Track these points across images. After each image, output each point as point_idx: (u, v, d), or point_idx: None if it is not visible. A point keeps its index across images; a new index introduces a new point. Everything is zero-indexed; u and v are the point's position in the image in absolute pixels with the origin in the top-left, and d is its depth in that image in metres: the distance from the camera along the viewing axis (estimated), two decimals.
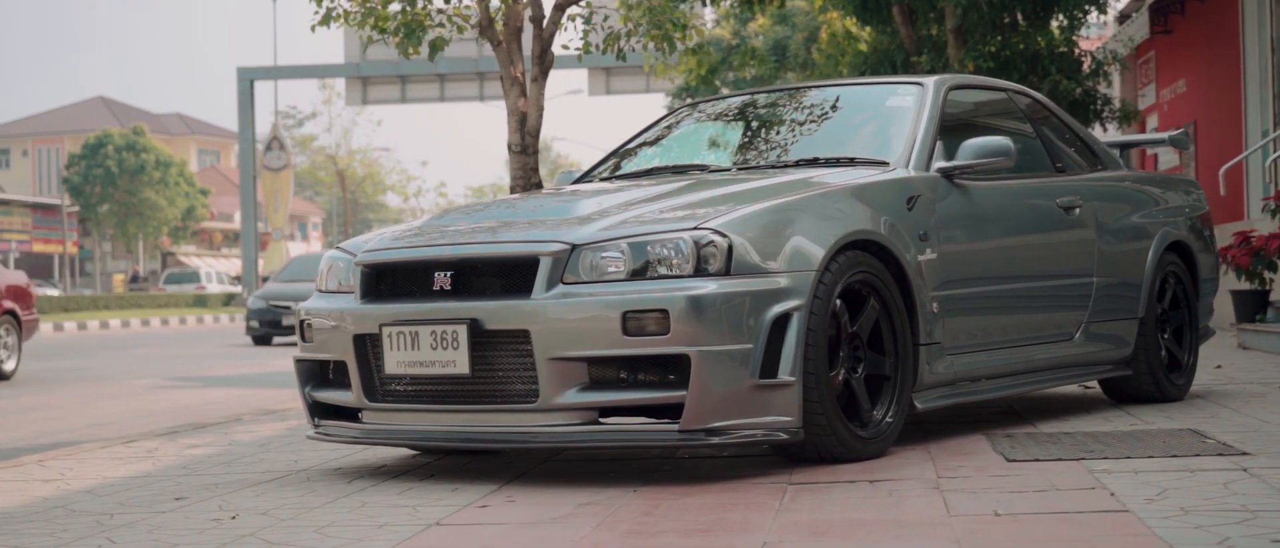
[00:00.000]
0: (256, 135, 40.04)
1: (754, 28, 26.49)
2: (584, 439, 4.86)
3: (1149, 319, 6.86)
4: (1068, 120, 7.04)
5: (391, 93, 38.05)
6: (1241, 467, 4.70)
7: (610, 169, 6.60)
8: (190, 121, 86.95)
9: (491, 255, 5.05)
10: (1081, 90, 16.27)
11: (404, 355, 5.05)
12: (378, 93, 37.89)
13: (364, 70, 36.88)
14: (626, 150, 6.74)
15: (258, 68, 38.49)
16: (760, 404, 4.86)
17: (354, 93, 38.52)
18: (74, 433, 8.89)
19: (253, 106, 38.28)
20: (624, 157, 6.69)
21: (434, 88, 37.54)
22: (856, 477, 4.81)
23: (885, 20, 17.34)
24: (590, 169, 6.71)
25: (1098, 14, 16.48)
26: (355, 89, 38.40)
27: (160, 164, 64.18)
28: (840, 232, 5.14)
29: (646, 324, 4.76)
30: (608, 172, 6.58)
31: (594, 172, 6.66)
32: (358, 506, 4.61)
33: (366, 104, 39.00)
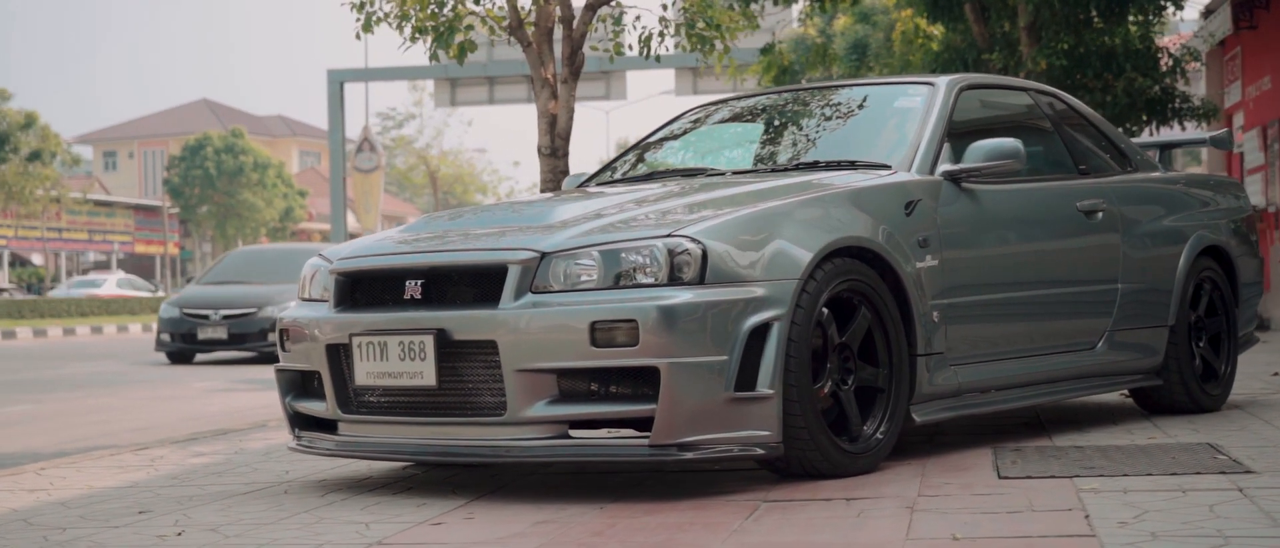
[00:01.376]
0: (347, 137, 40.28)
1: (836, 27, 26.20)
2: (552, 454, 4.71)
3: (1180, 327, 6.59)
4: (1096, 121, 6.79)
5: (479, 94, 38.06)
6: (1238, 486, 4.47)
7: (613, 173, 6.45)
8: (291, 123, 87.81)
9: (461, 263, 4.92)
10: (1159, 88, 15.88)
11: (373, 366, 4.93)
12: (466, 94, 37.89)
13: (452, 72, 36.84)
14: (633, 153, 6.59)
15: (347, 70, 38.65)
16: (737, 418, 4.68)
17: (442, 94, 38.55)
18: (113, 437, 8.87)
19: (342, 108, 38.42)
20: (630, 160, 6.54)
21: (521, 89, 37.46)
22: (835, 495, 4.62)
23: (957, 17, 17.04)
24: (595, 173, 6.56)
25: (1175, 10, 16.09)
26: (443, 90, 38.41)
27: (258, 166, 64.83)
28: (827, 238, 4.96)
29: (615, 335, 4.60)
30: (610, 175, 6.43)
31: (598, 175, 6.52)
32: (312, 522, 4.49)
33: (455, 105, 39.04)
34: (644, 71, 38.76)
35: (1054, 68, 15.69)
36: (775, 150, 6.17)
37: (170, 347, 18.21)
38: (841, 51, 23.69)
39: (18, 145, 48.36)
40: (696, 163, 6.30)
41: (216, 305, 18.03)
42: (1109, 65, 15.79)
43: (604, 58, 9.16)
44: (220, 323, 17.81)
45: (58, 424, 10.23)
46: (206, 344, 18.00)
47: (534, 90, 8.74)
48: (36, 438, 9.15)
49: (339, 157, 38.31)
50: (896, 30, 19.71)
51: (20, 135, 48.53)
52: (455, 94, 38.41)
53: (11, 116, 48.63)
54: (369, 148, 42.82)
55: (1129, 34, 15.92)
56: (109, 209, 63.00)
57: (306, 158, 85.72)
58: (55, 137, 49.95)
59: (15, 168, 48.39)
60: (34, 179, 48.95)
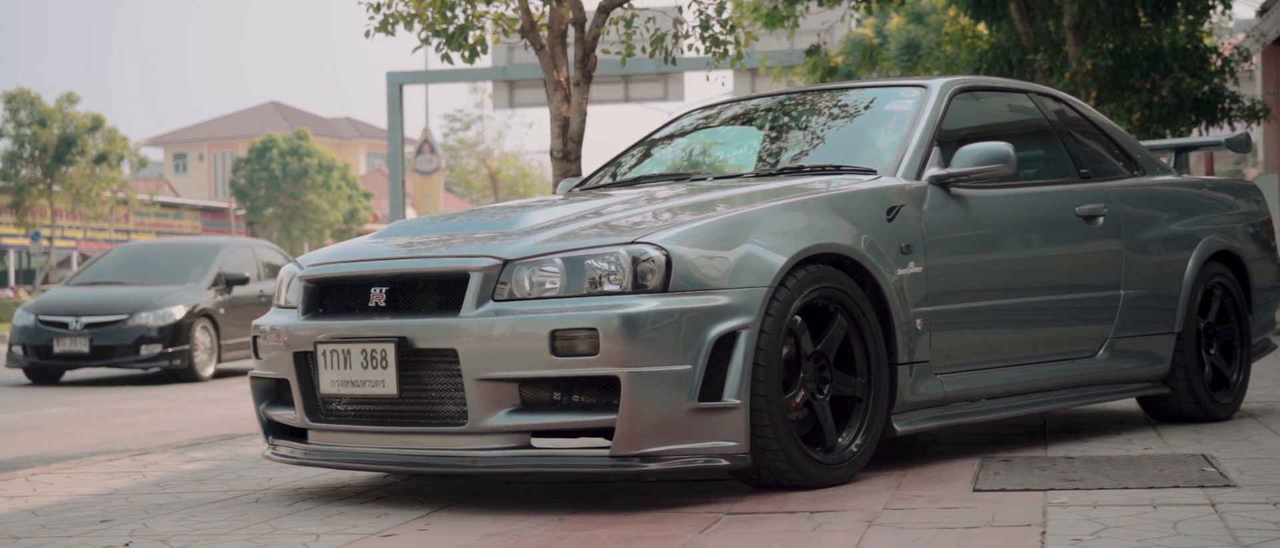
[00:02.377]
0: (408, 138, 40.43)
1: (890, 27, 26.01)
2: (513, 464, 4.64)
3: (1188, 334, 6.43)
4: (1101, 124, 6.65)
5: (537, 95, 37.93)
6: (1213, 501, 4.34)
7: (605, 177, 6.37)
8: (359, 125, 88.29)
9: (423, 271, 4.86)
10: (1208, 89, 15.63)
11: (337, 374, 4.88)
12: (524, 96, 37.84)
13: (510, 74, 36.86)
14: (624, 157, 6.51)
15: (407, 72, 38.74)
16: (702, 428, 4.59)
17: (501, 96, 38.55)
18: (136, 441, 8.86)
19: (401, 110, 38.49)
20: (625, 163, 6.46)
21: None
22: (801, 507, 4.52)
23: (1002, 17, 16.85)
24: (589, 176, 6.49)
25: (1223, 9, 15.84)
26: (501, 92, 38.42)
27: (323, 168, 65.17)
28: (800, 245, 4.85)
29: (576, 344, 4.53)
30: (602, 179, 6.35)
31: (591, 179, 6.44)
32: (265, 532, 4.44)
33: (514, 107, 39.01)
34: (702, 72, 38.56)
35: (1100, 68, 15.49)
36: (764, 155, 6.07)
37: (24, 362, 15.13)
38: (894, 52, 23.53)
39: (85, 148, 48.86)
40: (688, 167, 6.21)
41: (78, 311, 15.12)
42: (1156, 65, 15.56)
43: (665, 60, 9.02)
44: (81, 333, 14.92)
45: (86, 427, 10.26)
46: (65, 359, 14.91)
47: (547, 93, 8.68)
48: (59, 441, 9.18)
49: (398, 158, 38.44)
50: (945, 30, 19.51)
51: (87, 138, 49.03)
52: (513, 95, 38.42)
53: (79, 120, 49.14)
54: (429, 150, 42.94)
55: (1177, 33, 15.68)
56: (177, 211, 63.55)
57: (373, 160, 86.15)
58: (122, 139, 50.43)
59: (82, 170, 48.90)
60: (101, 181, 49.45)
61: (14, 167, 48.97)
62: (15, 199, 49.09)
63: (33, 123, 48.86)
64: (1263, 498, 4.36)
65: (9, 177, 48.99)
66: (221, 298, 15.93)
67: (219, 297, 15.91)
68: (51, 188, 49.19)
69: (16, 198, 48.99)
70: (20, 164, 49.05)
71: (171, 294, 15.49)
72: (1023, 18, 16.34)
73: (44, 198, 49.28)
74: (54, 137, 48.73)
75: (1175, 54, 15.55)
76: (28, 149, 48.99)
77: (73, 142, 48.74)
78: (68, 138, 48.76)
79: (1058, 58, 16.14)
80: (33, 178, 49.07)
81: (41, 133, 48.61)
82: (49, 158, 48.80)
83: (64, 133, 48.84)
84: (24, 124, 48.94)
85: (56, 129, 48.85)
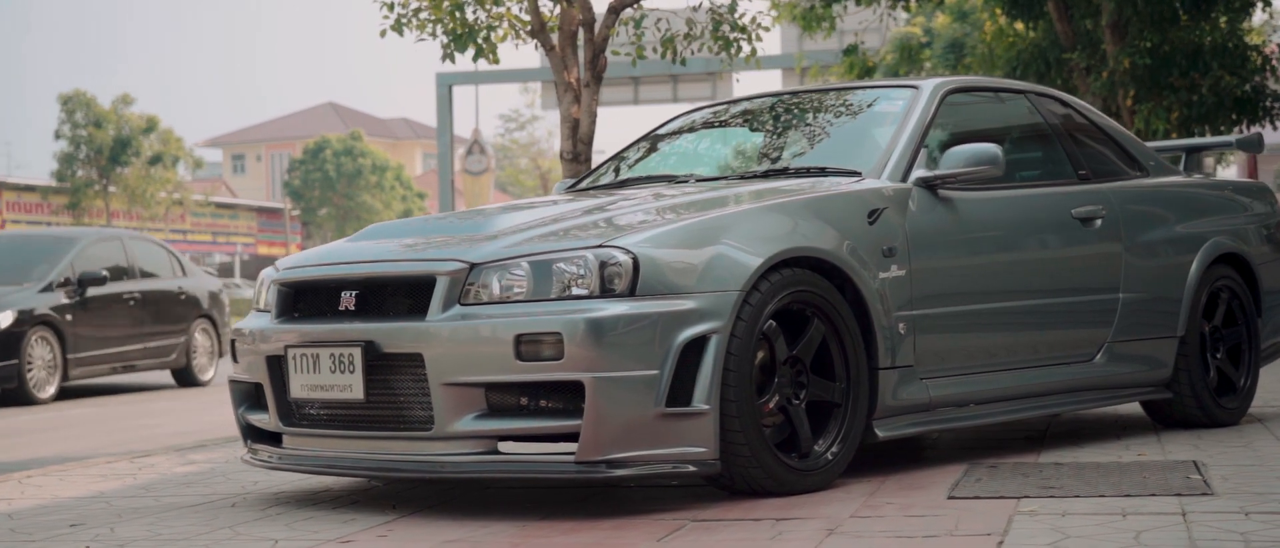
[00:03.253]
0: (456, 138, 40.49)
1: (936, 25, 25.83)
2: (479, 469, 4.60)
3: (1191, 338, 6.32)
4: (1103, 124, 6.55)
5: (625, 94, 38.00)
6: (1185, 510, 4.25)
7: (594, 179, 6.33)
8: (414, 126, 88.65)
9: (391, 275, 4.83)
10: (1249, 87, 15.41)
11: (307, 378, 4.86)
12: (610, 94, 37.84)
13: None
14: (615, 159, 6.46)
15: (456, 73, 38.79)
16: (670, 434, 4.54)
17: (548, 96, 38.60)
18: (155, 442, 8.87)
19: (451, 111, 38.55)
20: (612, 165, 6.41)
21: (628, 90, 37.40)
22: (769, 514, 4.46)
23: (1039, 15, 16.68)
24: (579, 179, 6.45)
25: (1264, 6, 15.62)
26: (549, 92, 38.44)
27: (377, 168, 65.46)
28: (774, 248, 4.79)
29: (541, 348, 4.48)
30: (593, 181, 6.31)
31: (581, 181, 6.40)
32: (226, 538, 4.42)
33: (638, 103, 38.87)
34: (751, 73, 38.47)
35: (1138, 66, 15.30)
36: (751, 157, 6.02)
37: None
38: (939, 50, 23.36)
39: (139, 149, 49.27)
40: (675, 170, 6.15)
41: None
42: (1195, 63, 15.35)
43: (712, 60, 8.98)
44: None
45: (108, 427, 10.31)
46: None
47: (557, 94, 8.64)
48: (76, 442, 9.23)
49: (447, 159, 38.52)
50: (985, 28, 19.33)
51: (142, 139, 49.43)
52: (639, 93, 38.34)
53: (133, 121, 49.55)
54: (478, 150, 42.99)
55: (1217, 31, 15.48)
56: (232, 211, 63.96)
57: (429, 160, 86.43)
58: (177, 140, 50.82)
59: (137, 171, 49.32)
60: (155, 182, 49.86)
61: (70, 168, 49.45)
62: (72, 200, 49.57)
63: (88, 124, 49.31)
64: (1237, 507, 4.27)
65: (65, 178, 49.49)
66: (70, 302, 13.30)
67: (67, 300, 13.27)
68: (107, 189, 49.65)
69: (73, 199, 49.48)
70: (76, 165, 49.51)
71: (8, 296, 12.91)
72: (1061, 16, 16.15)
73: (100, 199, 49.74)
74: (109, 138, 49.16)
75: (1215, 52, 15.34)
76: (83, 151, 49.44)
77: (128, 143, 49.15)
78: (123, 139, 49.18)
79: (1095, 56, 15.96)
80: (88, 179, 49.53)
81: (97, 134, 49.06)
82: (104, 159, 49.25)
83: (119, 134, 49.26)
84: (80, 126, 49.41)
85: (112, 130, 49.28)
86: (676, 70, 36.04)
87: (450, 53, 8.74)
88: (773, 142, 6.04)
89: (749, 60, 8.97)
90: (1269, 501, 4.37)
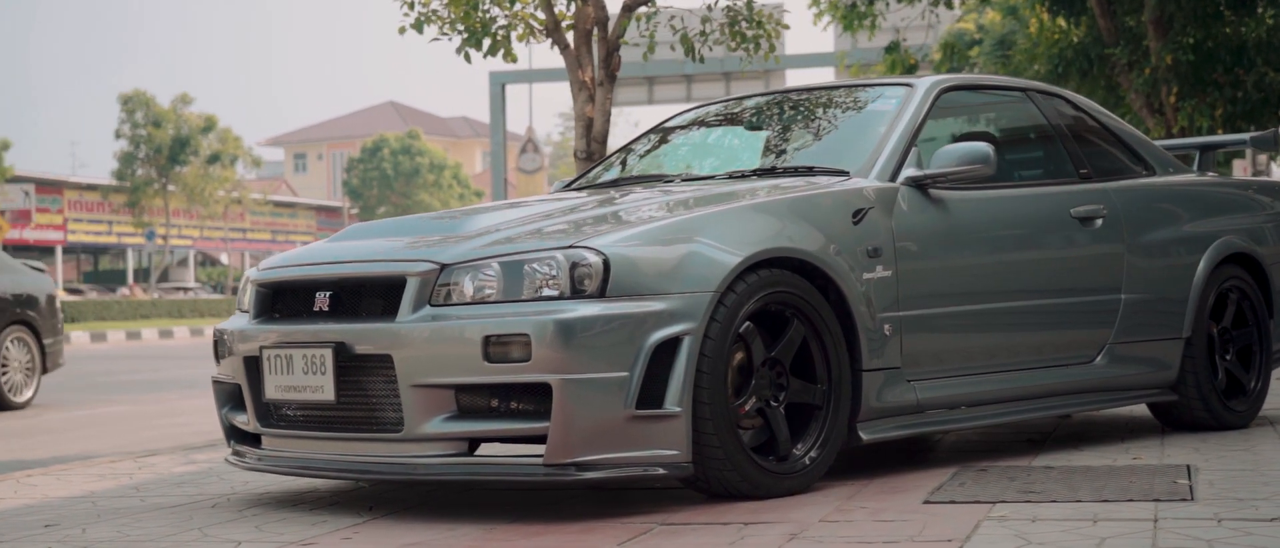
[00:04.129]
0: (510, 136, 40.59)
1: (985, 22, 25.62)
2: (449, 472, 4.57)
3: (1197, 339, 6.21)
4: (1108, 122, 6.44)
5: (639, 94, 38.04)
6: (1158, 517, 4.16)
7: (588, 178, 6.29)
8: (474, 124, 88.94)
9: (363, 275, 4.81)
10: None
11: (280, 379, 4.85)
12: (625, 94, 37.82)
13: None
14: (611, 157, 6.42)
15: (509, 71, 38.93)
16: (641, 437, 4.49)
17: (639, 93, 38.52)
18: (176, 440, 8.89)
19: (504, 109, 38.73)
20: (605, 166, 6.38)
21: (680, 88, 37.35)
22: (739, 518, 4.41)
23: (1081, 10, 16.51)
24: (573, 179, 6.41)
25: None
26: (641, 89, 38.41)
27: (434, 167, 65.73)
28: (751, 249, 4.73)
29: (509, 350, 4.45)
30: (584, 181, 6.27)
31: (576, 180, 6.36)
32: (191, 541, 4.41)
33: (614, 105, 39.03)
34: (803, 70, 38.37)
35: (1181, 63, 15.15)
36: (745, 155, 5.96)
37: None
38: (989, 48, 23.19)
39: (197, 148, 49.67)
40: (670, 168, 6.10)
41: None
42: (1239, 59, 15.18)
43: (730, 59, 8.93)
44: None
45: (135, 426, 10.36)
46: None
47: (572, 93, 8.62)
48: (97, 440, 9.28)
49: (500, 157, 38.65)
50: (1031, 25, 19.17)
51: (200, 138, 49.84)
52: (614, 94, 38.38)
53: (192, 120, 49.97)
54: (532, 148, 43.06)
55: (1260, 26, 15.28)
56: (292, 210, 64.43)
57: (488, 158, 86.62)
58: (235, 139, 51.22)
59: (196, 170, 49.73)
60: (214, 181, 50.26)
61: (129, 167, 49.93)
62: (131, 199, 50.04)
63: (148, 124, 49.76)
64: (1211, 514, 4.18)
65: (125, 177, 49.97)
66: None
67: None
68: (166, 188, 50.09)
69: (132, 197, 49.95)
70: (136, 164, 49.99)
71: None
72: (1103, 12, 16.00)
73: (159, 197, 50.19)
74: (168, 137, 49.59)
75: (1259, 48, 15.16)
76: (143, 150, 49.90)
77: (186, 142, 49.57)
78: (181, 138, 49.60)
79: (1138, 52, 15.79)
80: (148, 178, 49.99)
81: (156, 134, 49.49)
82: (163, 158, 49.68)
83: (178, 133, 49.68)
84: (139, 125, 49.87)
85: (170, 130, 49.71)
86: (691, 70, 36.02)
87: (465, 51, 8.71)
88: (765, 141, 5.98)
89: (768, 58, 8.89)
90: (1246, 507, 4.28)
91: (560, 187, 6.44)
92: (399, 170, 65.22)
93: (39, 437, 9.72)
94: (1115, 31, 16.05)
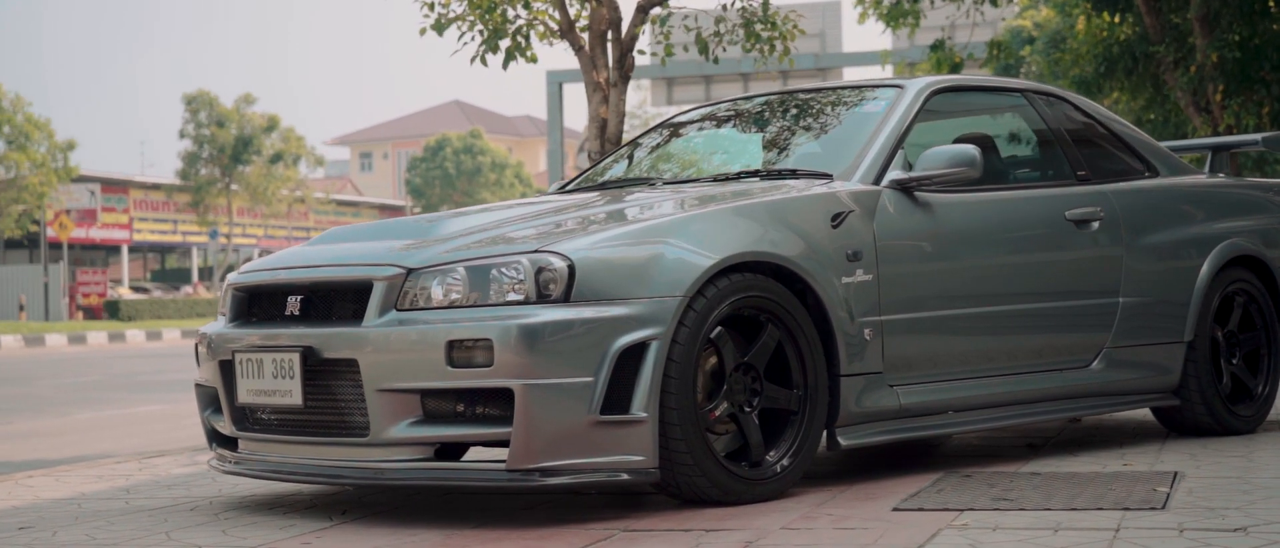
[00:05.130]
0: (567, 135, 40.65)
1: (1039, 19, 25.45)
2: (416, 476, 4.56)
3: (1200, 343, 6.12)
4: (1109, 123, 6.35)
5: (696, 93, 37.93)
6: (1119, 526, 4.10)
7: (581, 181, 6.27)
8: (538, 123, 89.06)
9: (332, 280, 4.81)
10: None
11: (252, 383, 4.86)
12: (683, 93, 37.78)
13: (669, 71, 36.77)
14: (607, 159, 6.40)
15: (566, 71, 38.93)
16: (607, 442, 4.46)
17: (659, 93, 38.55)
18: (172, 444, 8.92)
19: (561, 108, 38.75)
20: (602, 167, 6.35)
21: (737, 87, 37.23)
22: (699, 525, 4.37)
23: (1126, 8, 16.33)
24: (568, 181, 6.39)
25: None
26: (660, 90, 38.44)
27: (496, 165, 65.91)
28: (722, 253, 4.69)
29: (473, 355, 4.43)
30: (576, 184, 6.25)
31: (570, 183, 6.34)
32: (154, 544, 4.42)
33: (672, 104, 38.96)
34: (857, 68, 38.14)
35: (1227, 60, 14.93)
36: (736, 158, 5.92)
37: None
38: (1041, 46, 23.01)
39: (260, 147, 50.05)
40: (655, 172, 6.07)
41: None
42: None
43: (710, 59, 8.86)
44: None
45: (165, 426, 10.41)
46: None
47: (587, 94, 8.59)
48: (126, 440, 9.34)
49: (557, 155, 38.69)
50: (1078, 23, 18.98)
51: (263, 138, 50.21)
52: (672, 93, 38.40)
53: (255, 120, 50.34)
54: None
55: None
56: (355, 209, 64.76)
57: None
58: (298, 139, 51.56)
59: (258, 169, 50.10)
60: (277, 180, 50.62)
61: (193, 166, 50.36)
62: (195, 198, 50.47)
63: (211, 124, 50.18)
64: (1175, 523, 4.11)
65: (189, 176, 50.42)
66: None
67: None
68: (229, 187, 50.49)
69: (196, 197, 50.38)
70: (200, 164, 50.42)
71: None
72: (1148, 9, 15.80)
73: (222, 196, 50.60)
74: (231, 137, 49.99)
75: None
76: (206, 149, 50.32)
77: (249, 142, 49.95)
78: (244, 138, 49.98)
79: (1183, 50, 15.60)
80: (211, 177, 50.42)
81: (219, 133, 49.90)
82: (227, 158, 50.08)
83: (241, 133, 50.08)
84: (203, 125, 50.30)
85: (233, 129, 50.10)
86: (710, 70, 35.96)
87: (482, 55, 8.70)
88: (754, 143, 5.94)
89: (782, 59, 8.84)
90: (1215, 516, 4.20)
91: (557, 189, 6.42)
92: (461, 169, 65.44)
93: (68, 437, 9.81)
94: (1161, 29, 15.86)
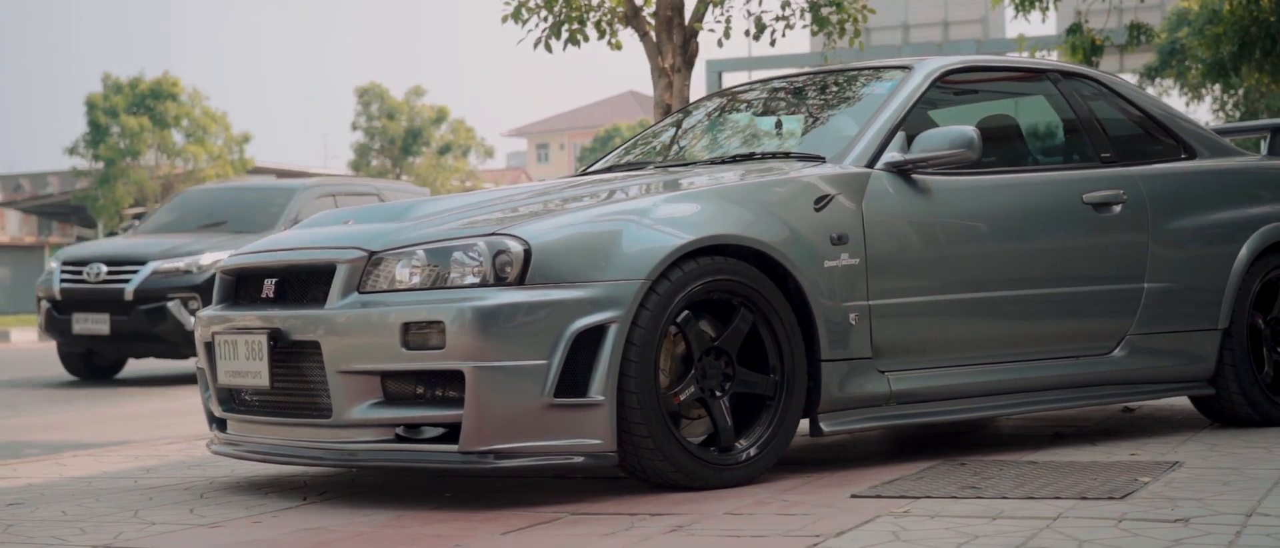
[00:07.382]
0: None
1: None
2: (376, 458, 4.59)
3: (1237, 331, 5.91)
4: (1144, 103, 6.15)
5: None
6: (1056, 515, 3.98)
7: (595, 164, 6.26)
8: None
9: (301, 263, 4.86)
10: None
11: (228, 365, 4.94)
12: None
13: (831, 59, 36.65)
14: (624, 144, 6.38)
15: (726, 60, 39.01)
16: (562, 425, 4.45)
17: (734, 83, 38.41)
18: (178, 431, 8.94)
19: None
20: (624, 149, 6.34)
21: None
22: (653, 509, 4.33)
23: None
24: (589, 164, 6.39)
25: None
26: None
27: None
28: (689, 236, 4.64)
29: (427, 337, 4.45)
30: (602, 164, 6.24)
31: (591, 166, 6.34)
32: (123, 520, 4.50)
33: None
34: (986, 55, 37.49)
35: None
36: (740, 140, 5.86)
37: None
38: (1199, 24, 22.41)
39: (429, 139, 50.80)
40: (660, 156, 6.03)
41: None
42: None
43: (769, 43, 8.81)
44: None
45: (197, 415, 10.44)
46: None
47: (652, 80, 8.58)
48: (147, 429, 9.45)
49: None
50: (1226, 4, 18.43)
51: (432, 129, 50.96)
52: None
53: (424, 112, 51.10)
54: None
55: None
56: None
57: None
58: (468, 130, 52.23)
59: (428, 160, 50.87)
60: (447, 171, 51.35)
61: (365, 157, 51.30)
62: None
63: (382, 116, 51.06)
64: (1118, 514, 3.97)
65: (360, 167, 51.36)
66: None
67: None
68: (399, 177, 51.32)
69: None
70: (371, 155, 51.35)
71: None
72: None
73: None
74: (401, 128, 50.82)
75: None
76: (377, 141, 51.23)
77: (419, 133, 50.73)
78: (414, 130, 50.78)
79: None
80: (382, 168, 51.31)
81: (390, 125, 50.75)
82: (397, 149, 50.93)
83: (411, 125, 50.89)
84: (374, 117, 51.21)
85: (404, 121, 50.93)
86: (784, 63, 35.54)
87: (546, 40, 8.73)
88: (759, 126, 5.88)
89: (852, 44, 8.72)
90: (1168, 507, 4.05)
91: (580, 171, 6.42)
92: None
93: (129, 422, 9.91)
94: None
